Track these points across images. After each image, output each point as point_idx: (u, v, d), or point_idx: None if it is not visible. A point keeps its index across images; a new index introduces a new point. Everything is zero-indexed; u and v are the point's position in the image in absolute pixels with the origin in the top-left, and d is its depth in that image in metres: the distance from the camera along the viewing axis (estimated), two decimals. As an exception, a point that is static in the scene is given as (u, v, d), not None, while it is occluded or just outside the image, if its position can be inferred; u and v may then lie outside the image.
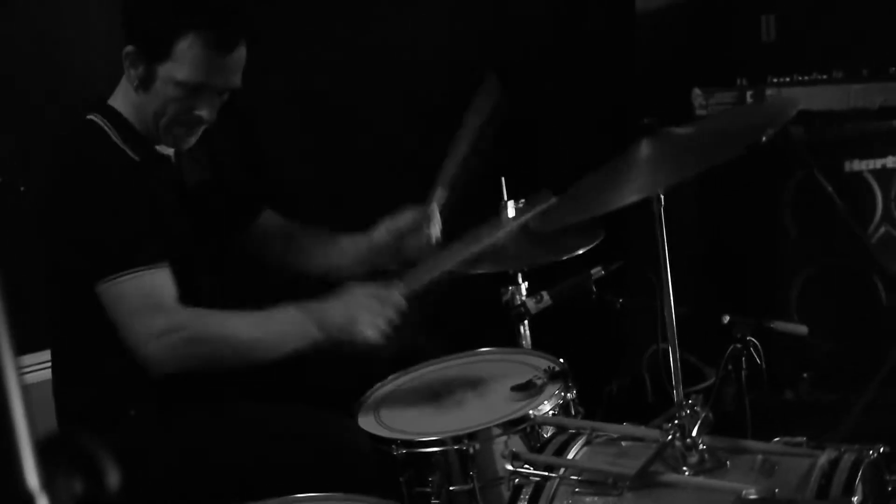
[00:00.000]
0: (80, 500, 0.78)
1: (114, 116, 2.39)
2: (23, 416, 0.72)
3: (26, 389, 0.74)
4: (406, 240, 2.63)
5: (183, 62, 2.30)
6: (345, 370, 2.59)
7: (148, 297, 2.25)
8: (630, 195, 1.91)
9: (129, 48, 2.34)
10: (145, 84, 2.35)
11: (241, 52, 2.37)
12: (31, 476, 0.72)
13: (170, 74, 2.31)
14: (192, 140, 2.44)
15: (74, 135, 2.44)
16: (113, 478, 0.79)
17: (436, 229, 2.60)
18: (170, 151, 2.49)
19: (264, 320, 2.33)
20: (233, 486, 2.24)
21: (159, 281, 2.27)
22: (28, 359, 2.60)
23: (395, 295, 2.35)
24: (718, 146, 2.00)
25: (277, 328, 2.32)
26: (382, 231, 2.65)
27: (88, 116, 2.39)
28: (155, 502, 2.22)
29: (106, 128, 2.37)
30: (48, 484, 0.74)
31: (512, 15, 3.75)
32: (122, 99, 2.41)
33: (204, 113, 2.37)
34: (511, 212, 2.71)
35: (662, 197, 1.99)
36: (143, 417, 2.35)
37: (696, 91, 3.47)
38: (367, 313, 2.30)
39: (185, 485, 2.31)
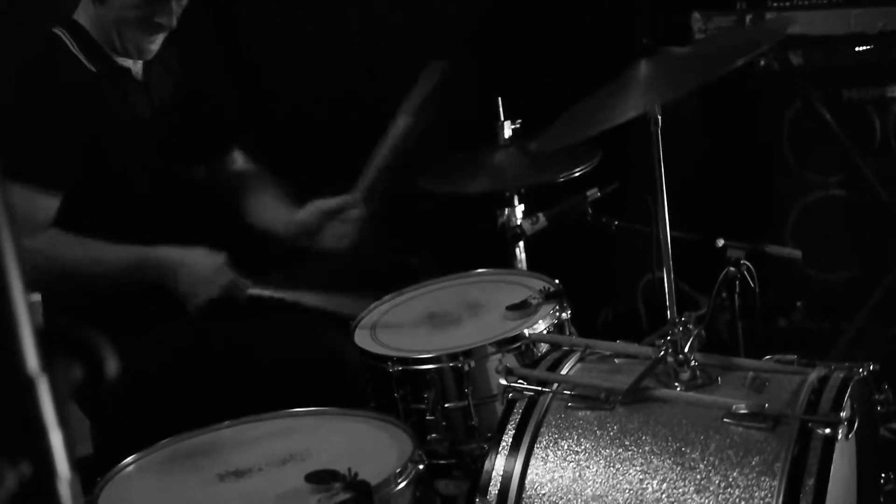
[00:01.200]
0: (79, 385, 0.79)
1: (76, 29, 2.42)
2: (23, 300, 0.73)
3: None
4: (328, 224, 2.66)
5: None
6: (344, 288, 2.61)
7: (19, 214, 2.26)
8: (627, 112, 1.90)
9: None
10: None
11: None
12: (32, 359, 0.73)
13: None
14: (154, 48, 2.45)
15: (35, 46, 2.47)
16: (112, 365, 0.80)
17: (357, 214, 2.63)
18: (134, 65, 2.49)
19: (118, 255, 2.38)
20: (228, 397, 2.28)
21: (30, 202, 2.30)
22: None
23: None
24: (715, 63, 1.99)
25: (127, 267, 2.39)
26: (310, 209, 2.67)
27: (53, 29, 2.42)
28: (145, 414, 2.26)
29: (66, 40, 2.40)
30: (48, 367, 0.74)
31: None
32: (84, 12, 2.43)
33: (163, 20, 2.38)
34: (508, 132, 2.70)
35: (659, 118, 1.98)
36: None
37: (696, 15, 3.44)
38: (205, 286, 2.39)
39: (180, 395, 2.35)
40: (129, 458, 1.98)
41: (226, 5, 3.38)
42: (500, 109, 2.72)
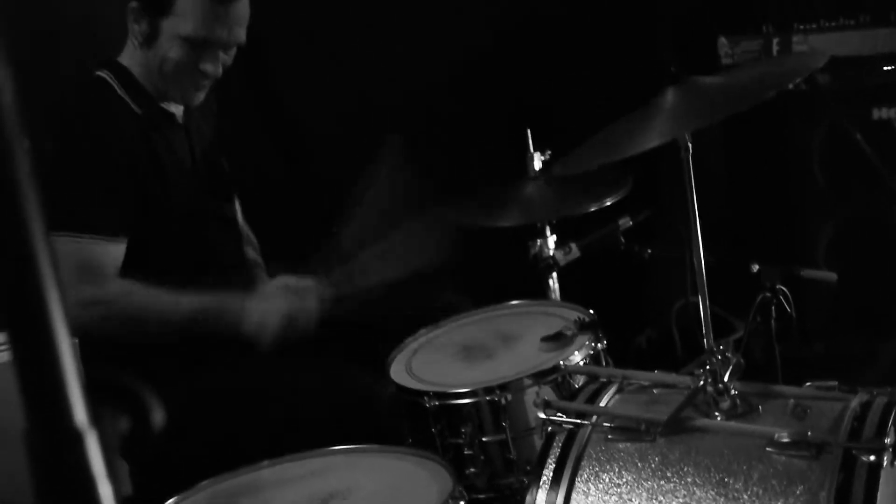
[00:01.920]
0: (126, 436, 0.79)
1: (121, 72, 2.43)
2: (70, 353, 0.73)
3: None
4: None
5: (186, 16, 2.32)
6: (375, 326, 2.60)
7: (84, 263, 2.27)
8: (654, 139, 1.90)
9: (133, 3, 2.36)
10: (149, 40, 2.38)
11: (243, 4, 2.38)
12: (80, 412, 0.73)
13: (174, 29, 2.33)
14: (200, 95, 2.46)
15: (82, 89, 2.48)
16: (158, 416, 0.81)
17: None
18: (177, 110, 2.51)
19: (186, 306, 2.36)
20: (266, 439, 2.27)
21: (100, 251, 2.29)
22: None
23: (311, 305, 2.43)
24: (745, 94, 1.98)
25: (193, 315, 2.36)
26: (273, 286, 2.58)
27: (97, 73, 2.42)
28: (184, 455, 2.26)
29: (112, 82, 2.41)
30: (96, 420, 0.75)
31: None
32: (130, 56, 2.44)
33: (209, 68, 2.40)
34: (538, 164, 2.70)
35: (690, 144, 1.98)
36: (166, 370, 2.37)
37: (722, 39, 3.44)
38: (274, 317, 2.38)
39: (217, 438, 2.35)
40: (171, 501, 1.98)
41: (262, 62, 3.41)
42: (530, 141, 2.73)
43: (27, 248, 0.72)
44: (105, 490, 0.75)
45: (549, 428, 1.92)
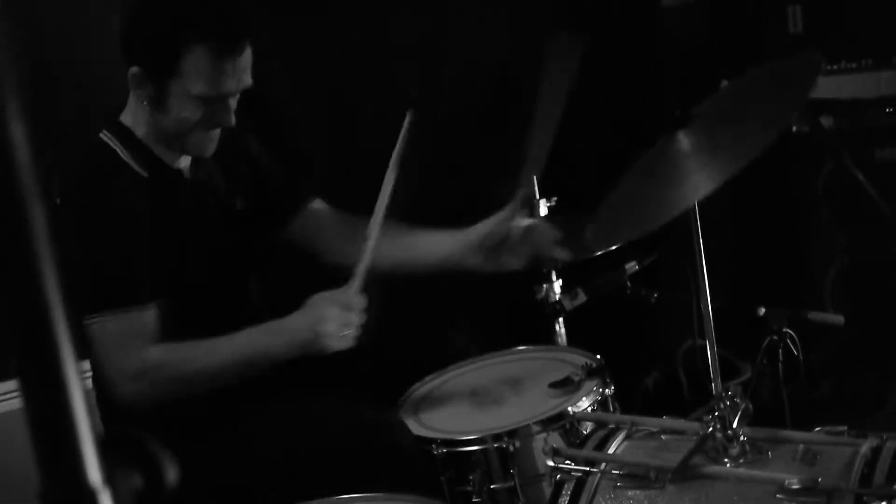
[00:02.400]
0: (139, 496, 0.79)
1: (124, 134, 2.38)
2: (84, 412, 0.73)
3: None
4: (503, 240, 2.57)
5: (194, 76, 2.27)
6: (384, 368, 2.59)
7: (123, 337, 2.24)
8: (675, 205, 1.89)
9: (135, 69, 2.30)
10: (158, 102, 2.32)
11: (248, 52, 2.34)
12: (94, 471, 0.74)
13: (184, 90, 2.28)
14: (214, 145, 2.43)
15: (84, 155, 2.43)
16: (171, 474, 0.81)
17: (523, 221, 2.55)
18: (184, 164, 2.49)
19: (231, 347, 2.30)
20: (275, 482, 2.26)
21: (138, 322, 2.25)
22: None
23: (355, 296, 2.31)
24: (749, 130, 1.98)
25: (244, 352, 2.30)
26: (481, 229, 2.58)
27: (100, 135, 2.38)
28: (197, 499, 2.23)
29: (115, 146, 2.36)
30: (109, 479, 0.75)
31: (534, 9, 3.76)
32: (133, 116, 2.39)
33: (224, 119, 2.37)
34: (543, 210, 2.71)
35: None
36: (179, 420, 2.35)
37: (725, 84, 3.46)
38: (331, 323, 2.26)
39: (229, 482, 2.32)
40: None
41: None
42: (535, 187, 2.73)
43: (40, 305, 0.72)
44: (119, 549, 0.75)
45: (559, 476, 1.92)
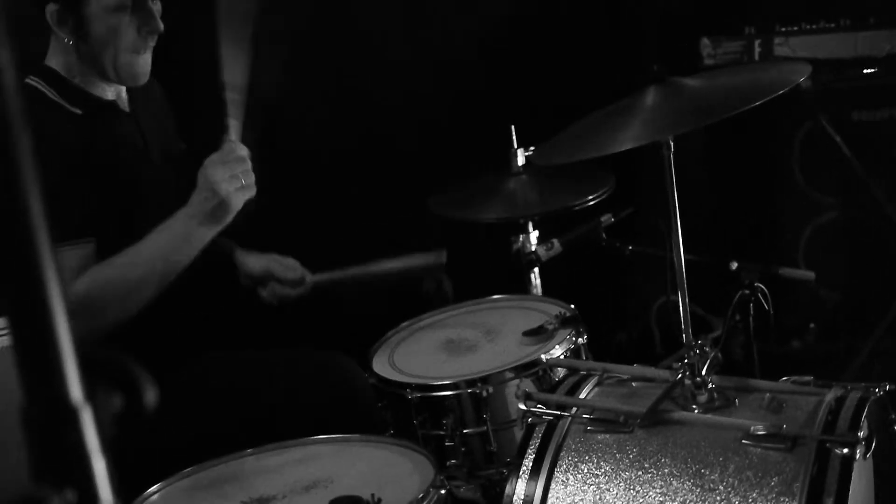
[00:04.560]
0: (119, 414, 0.81)
1: (51, 75, 2.37)
2: (66, 331, 0.75)
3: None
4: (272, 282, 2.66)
5: None
6: (356, 319, 2.62)
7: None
8: (636, 139, 1.93)
9: (51, 7, 2.29)
10: (82, 33, 2.31)
11: None
12: (75, 388, 0.75)
13: (101, 6, 2.28)
14: (145, 71, 2.40)
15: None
16: (151, 395, 0.83)
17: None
18: (118, 97, 2.47)
19: (150, 246, 2.29)
20: (246, 428, 2.29)
21: (66, 258, 2.21)
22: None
23: (236, 149, 2.31)
24: (727, 103, 2.00)
25: (165, 247, 2.29)
26: (263, 262, 2.67)
27: (27, 80, 2.35)
28: (167, 447, 2.26)
29: (43, 88, 2.34)
30: (90, 397, 0.77)
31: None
32: (58, 58, 2.38)
33: (152, 25, 2.34)
34: (521, 159, 2.73)
35: (672, 143, 2.00)
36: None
37: (705, 40, 3.48)
38: (225, 183, 2.25)
39: (198, 428, 2.35)
40: (155, 487, 2.00)
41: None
42: (514, 137, 2.75)
43: (25, 228, 0.74)
44: (99, 465, 0.78)
45: (530, 419, 1.95)
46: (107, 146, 2.39)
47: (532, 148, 2.73)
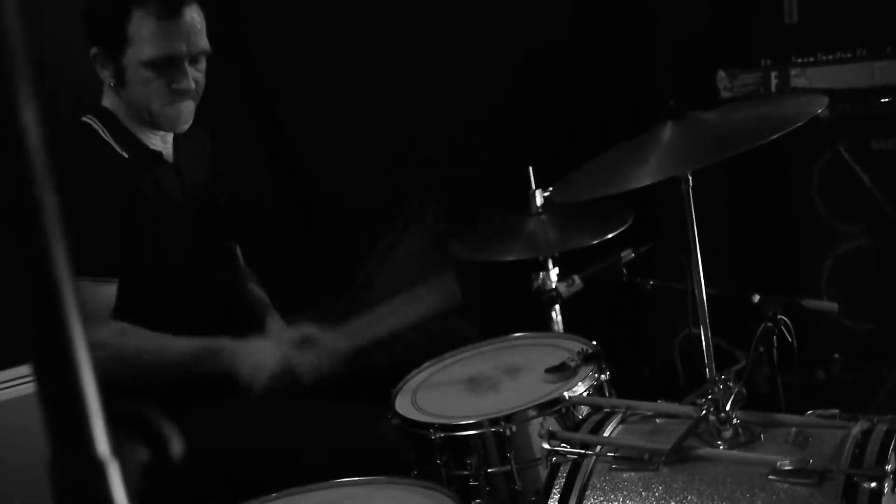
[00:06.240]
0: (145, 467, 0.82)
1: (105, 116, 2.44)
2: (93, 384, 0.76)
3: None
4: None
5: (140, 42, 2.34)
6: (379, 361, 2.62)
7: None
8: (654, 175, 1.93)
9: (94, 50, 2.39)
10: (120, 79, 2.40)
11: (191, 13, 2.39)
12: (102, 443, 0.76)
13: (136, 59, 2.35)
14: (185, 119, 2.45)
15: (66, 134, 2.47)
16: (177, 447, 0.83)
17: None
18: (164, 148, 2.52)
19: (179, 352, 2.37)
20: (273, 473, 2.28)
21: (90, 293, 2.28)
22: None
23: (312, 359, 2.44)
24: (745, 137, 2.01)
25: (188, 362, 2.37)
26: (277, 333, 2.63)
27: (83, 118, 2.44)
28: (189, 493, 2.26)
29: (97, 127, 2.42)
30: (117, 451, 0.77)
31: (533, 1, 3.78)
32: (109, 99, 2.46)
33: (182, 84, 2.40)
34: (539, 200, 2.73)
35: (690, 178, 2.01)
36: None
37: (721, 73, 3.49)
38: (264, 374, 2.37)
39: (215, 478, 2.35)
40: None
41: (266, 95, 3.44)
42: (532, 178, 2.76)
43: (52, 282, 0.75)
44: (126, 518, 0.78)
45: (554, 458, 1.94)
46: (148, 193, 2.45)
47: (550, 188, 2.73)
